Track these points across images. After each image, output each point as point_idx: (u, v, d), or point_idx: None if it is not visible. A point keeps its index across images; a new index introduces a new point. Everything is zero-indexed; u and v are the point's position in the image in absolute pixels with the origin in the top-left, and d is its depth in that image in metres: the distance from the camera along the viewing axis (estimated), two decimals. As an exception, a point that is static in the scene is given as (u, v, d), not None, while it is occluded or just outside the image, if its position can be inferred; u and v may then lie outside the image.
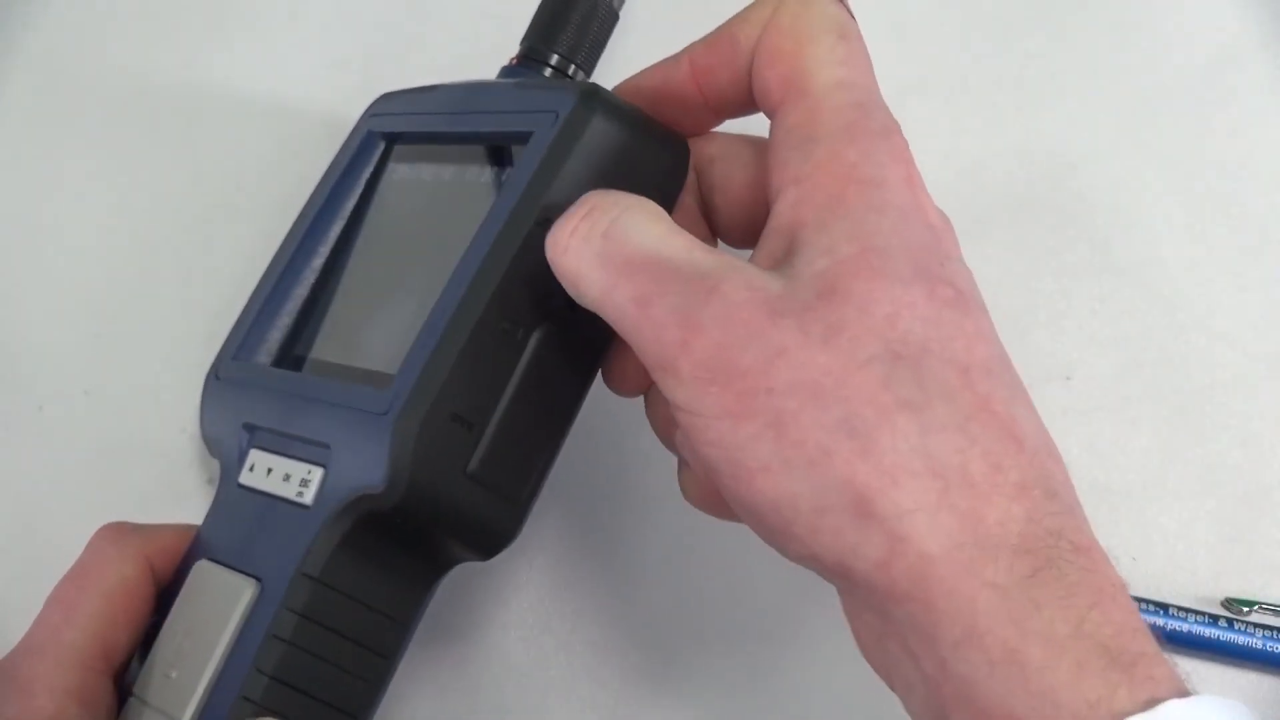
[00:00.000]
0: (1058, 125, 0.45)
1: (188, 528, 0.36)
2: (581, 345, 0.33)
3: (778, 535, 0.27)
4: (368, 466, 0.31)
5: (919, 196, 0.29)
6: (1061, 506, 0.26)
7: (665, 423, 0.34)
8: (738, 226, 0.35)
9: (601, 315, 0.29)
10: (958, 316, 0.27)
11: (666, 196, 0.34)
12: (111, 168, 0.46)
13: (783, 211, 0.29)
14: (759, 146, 0.33)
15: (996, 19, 0.46)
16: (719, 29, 0.33)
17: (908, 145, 0.30)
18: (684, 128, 0.34)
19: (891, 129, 0.30)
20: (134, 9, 0.48)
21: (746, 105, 0.33)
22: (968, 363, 0.27)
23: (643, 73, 0.34)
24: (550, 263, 0.30)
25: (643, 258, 0.28)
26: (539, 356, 0.32)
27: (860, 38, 0.31)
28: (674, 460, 0.42)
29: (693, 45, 0.33)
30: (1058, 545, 0.25)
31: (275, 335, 0.38)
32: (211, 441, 0.37)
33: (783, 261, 0.28)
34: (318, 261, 0.39)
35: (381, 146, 0.39)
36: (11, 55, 0.47)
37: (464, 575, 0.35)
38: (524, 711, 0.41)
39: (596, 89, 0.34)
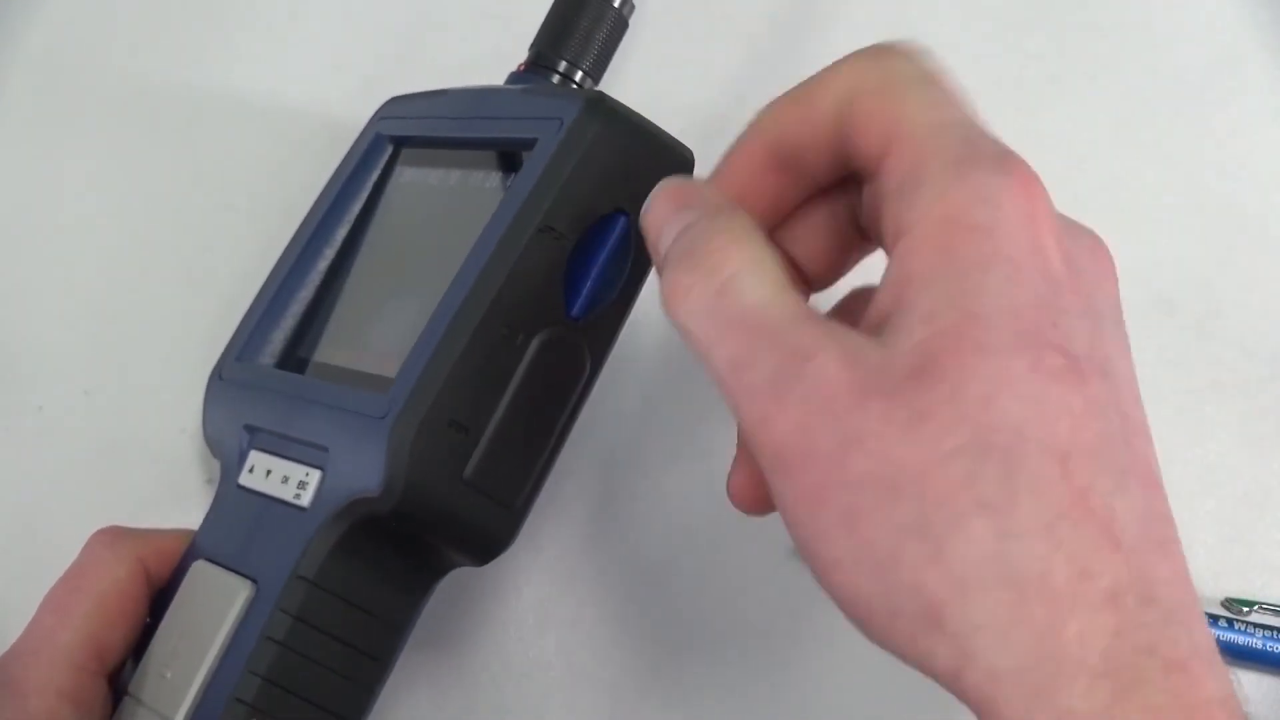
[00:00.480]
0: (1058, 125, 0.45)
1: (184, 531, 0.36)
2: (582, 353, 0.33)
3: (859, 624, 0.25)
4: (364, 470, 0.31)
5: (1040, 237, 0.26)
6: (1158, 615, 0.23)
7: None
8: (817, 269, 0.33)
9: (707, 371, 0.27)
10: (1065, 391, 0.24)
11: None
12: (111, 168, 0.46)
13: (892, 267, 0.26)
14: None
15: (996, 19, 0.46)
16: (793, 93, 0.30)
17: (1031, 172, 0.26)
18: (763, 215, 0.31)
19: (1005, 157, 0.26)
20: (134, 9, 0.48)
21: (827, 175, 0.30)
22: (1069, 448, 0.24)
23: (721, 169, 0.31)
24: (664, 305, 0.28)
25: (747, 319, 0.27)
26: (538, 363, 0.32)
27: (953, 79, 0.29)
28: (673, 461, 0.42)
29: (762, 118, 0.30)
30: (1147, 664, 0.23)
31: (279, 337, 0.38)
32: (213, 442, 0.38)
33: (886, 324, 0.26)
34: (323, 264, 0.39)
35: (389, 150, 0.39)
36: (11, 55, 0.47)
37: (463, 576, 0.35)
38: (523, 712, 0.41)
39: (602, 96, 0.34)
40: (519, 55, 0.39)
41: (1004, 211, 0.25)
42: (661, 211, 0.30)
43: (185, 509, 0.37)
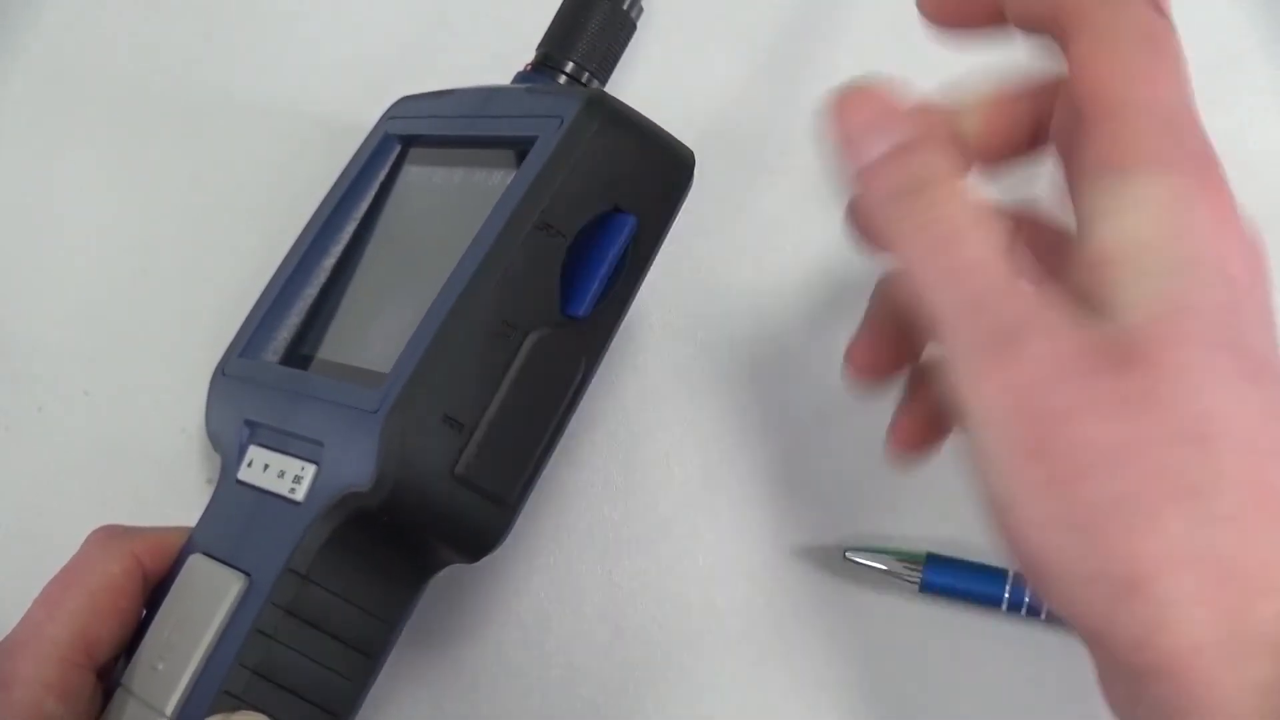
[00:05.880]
0: (1058, 125, 0.45)
1: (183, 529, 0.36)
2: (578, 351, 0.33)
3: (1042, 585, 0.27)
4: (356, 464, 0.31)
5: (1226, 242, 0.27)
6: None
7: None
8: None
9: (921, 309, 0.28)
10: (1258, 393, 0.26)
11: (669, 206, 0.34)
12: (112, 168, 0.46)
13: (1091, 247, 0.28)
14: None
15: (996, 19, 0.46)
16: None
17: (1223, 178, 0.28)
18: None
19: (1204, 158, 0.28)
20: (134, 9, 0.48)
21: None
22: (1262, 446, 0.26)
23: None
24: (880, 231, 0.29)
25: (976, 272, 0.27)
26: (533, 360, 0.32)
27: (1177, 48, 0.30)
28: (672, 461, 0.42)
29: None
30: None
31: (283, 334, 0.39)
32: (215, 437, 0.38)
33: (1093, 302, 0.27)
34: (329, 261, 0.39)
35: (397, 148, 0.39)
36: (11, 55, 0.47)
37: (463, 575, 0.35)
38: (523, 713, 0.41)
39: (603, 95, 0.34)
40: (525, 56, 0.39)
41: (1200, 215, 0.27)
42: (862, 116, 0.29)
43: (185, 509, 0.37)
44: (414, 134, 0.39)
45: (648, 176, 0.33)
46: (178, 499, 0.42)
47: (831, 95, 0.30)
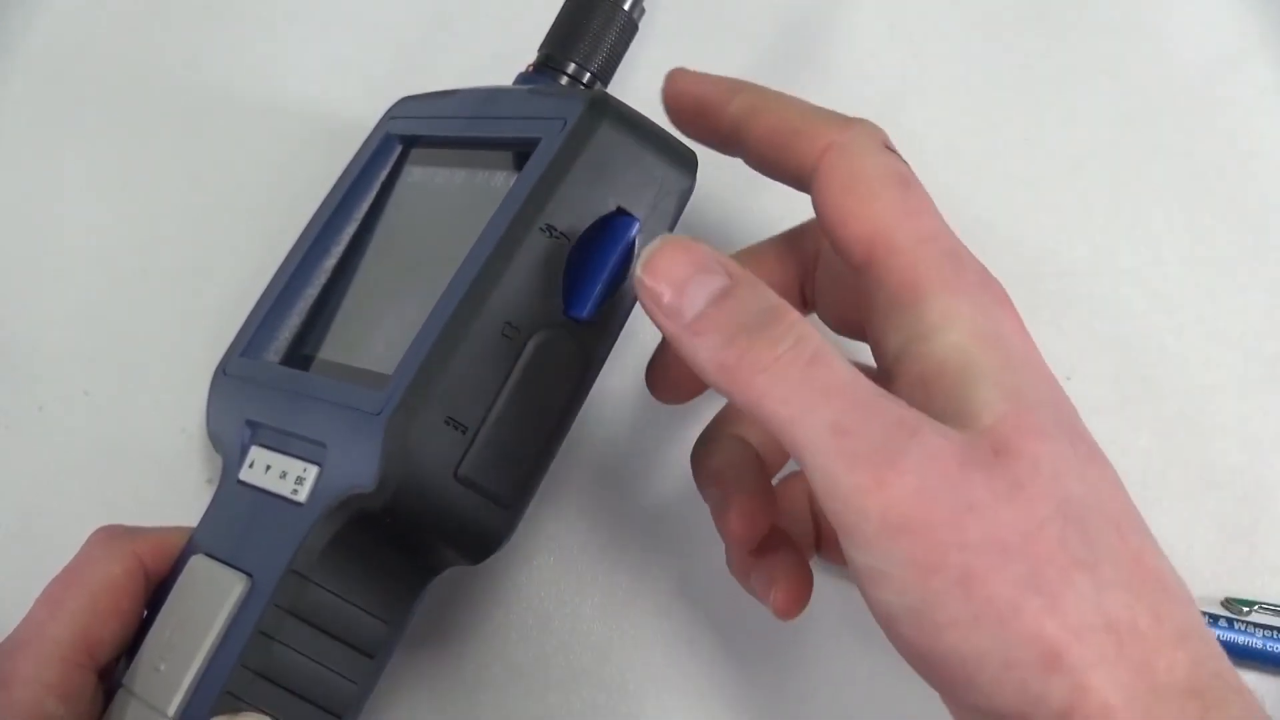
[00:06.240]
0: (1058, 125, 0.45)
1: (185, 529, 0.36)
2: (579, 354, 0.33)
3: (956, 685, 0.28)
4: (360, 465, 0.31)
5: (1030, 345, 0.30)
6: (1215, 651, 0.27)
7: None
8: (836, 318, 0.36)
9: (785, 439, 0.28)
10: (1097, 472, 0.28)
11: (673, 208, 0.34)
12: (112, 168, 0.46)
13: (910, 370, 0.30)
14: None
15: (996, 19, 0.46)
16: (781, 121, 0.33)
17: (1004, 289, 0.31)
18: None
19: (987, 277, 0.31)
20: (135, 9, 0.48)
21: (794, 185, 0.33)
22: (1117, 518, 0.28)
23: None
24: (723, 370, 0.29)
25: (847, 389, 0.28)
26: (536, 363, 0.32)
27: (920, 184, 0.32)
28: (673, 460, 0.42)
29: (756, 105, 0.34)
30: (1220, 686, 0.27)
31: (284, 334, 0.39)
32: (215, 437, 0.38)
33: (935, 412, 0.28)
34: (330, 261, 0.39)
35: (398, 149, 0.39)
36: (11, 55, 0.47)
37: (463, 576, 0.35)
38: (523, 713, 0.41)
39: (606, 97, 0.34)
40: (525, 56, 0.39)
41: (1004, 324, 0.30)
42: (678, 271, 0.29)
43: (185, 509, 0.37)
44: (415, 134, 0.39)
45: (651, 178, 0.33)
46: (178, 499, 0.42)
47: (641, 258, 0.29)
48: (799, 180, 0.33)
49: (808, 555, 0.37)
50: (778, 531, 0.36)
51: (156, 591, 0.35)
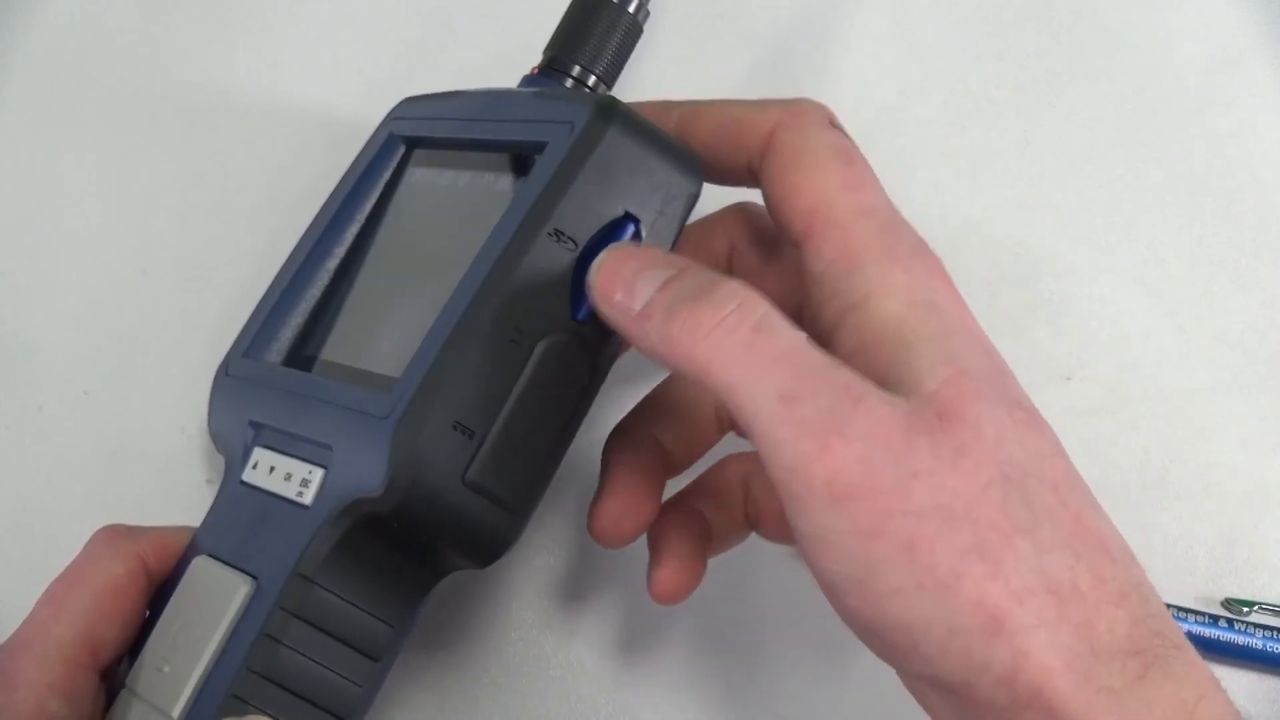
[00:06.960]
0: (1057, 125, 0.45)
1: (187, 529, 0.36)
2: (587, 359, 0.33)
3: (900, 653, 0.28)
4: (367, 469, 0.31)
5: (966, 313, 0.31)
6: (1156, 609, 0.28)
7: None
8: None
9: (732, 406, 0.28)
10: (1036, 437, 0.29)
11: (680, 212, 0.34)
12: (112, 168, 0.46)
13: (848, 339, 0.30)
14: None
15: (996, 19, 0.46)
16: (725, 115, 0.34)
17: (940, 261, 0.31)
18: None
19: (922, 248, 0.31)
20: (135, 9, 0.48)
21: (745, 181, 0.34)
22: (1055, 481, 0.28)
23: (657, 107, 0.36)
24: (668, 342, 0.29)
25: (793, 355, 0.28)
26: (543, 367, 0.32)
27: (864, 159, 0.32)
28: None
29: (697, 108, 0.35)
30: (1160, 644, 0.27)
31: (286, 334, 0.38)
32: (218, 437, 0.38)
33: (877, 379, 0.28)
34: (332, 262, 0.39)
35: (402, 150, 0.39)
36: (11, 55, 0.47)
37: (463, 577, 0.35)
38: (523, 713, 0.41)
39: (614, 101, 0.34)
40: (527, 56, 0.39)
41: (938, 293, 0.30)
42: (625, 269, 0.31)
43: (186, 509, 0.37)
44: (419, 135, 0.39)
45: (658, 183, 0.33)
46: (178, 499, 0.42)
47: (592, 267, 0.31)
48: (750, 171, 0.34)
49: (731, 539, 0.37)
50: (677, 519, 0.36)
51: (159, 592, 0.35)
